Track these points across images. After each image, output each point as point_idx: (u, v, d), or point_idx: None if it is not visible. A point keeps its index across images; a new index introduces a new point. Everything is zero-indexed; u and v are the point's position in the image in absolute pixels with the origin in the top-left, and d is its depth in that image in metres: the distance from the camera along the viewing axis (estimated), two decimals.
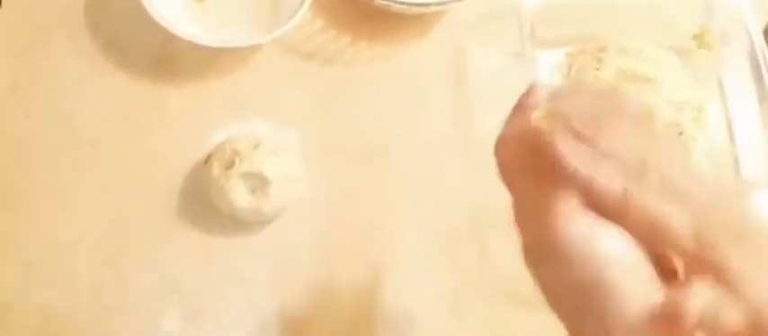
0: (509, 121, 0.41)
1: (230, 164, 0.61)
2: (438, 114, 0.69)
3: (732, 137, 0.68)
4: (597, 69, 0.68)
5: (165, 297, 0.62)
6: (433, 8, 0.69)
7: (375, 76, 0.70)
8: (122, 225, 0.64)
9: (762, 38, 0.68)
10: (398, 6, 0.67)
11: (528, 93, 0.40)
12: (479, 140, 0.67)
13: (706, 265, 0.32)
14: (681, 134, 0.67)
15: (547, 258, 0.35)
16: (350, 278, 0.63)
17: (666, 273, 0.35)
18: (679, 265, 0.34)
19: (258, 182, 0.61)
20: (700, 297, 0.32)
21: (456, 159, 0.67)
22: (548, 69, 0.70)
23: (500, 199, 0.39)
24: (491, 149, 0.41)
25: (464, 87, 0.70)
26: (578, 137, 0.36)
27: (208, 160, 0.64)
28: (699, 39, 0.70)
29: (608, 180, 0.34)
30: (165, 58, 0.68)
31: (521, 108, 0.40)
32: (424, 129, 0.68)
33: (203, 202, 0.64)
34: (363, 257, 0.64)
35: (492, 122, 0.67)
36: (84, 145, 0.66)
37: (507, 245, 0.39)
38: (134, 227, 0.64)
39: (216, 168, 0.62)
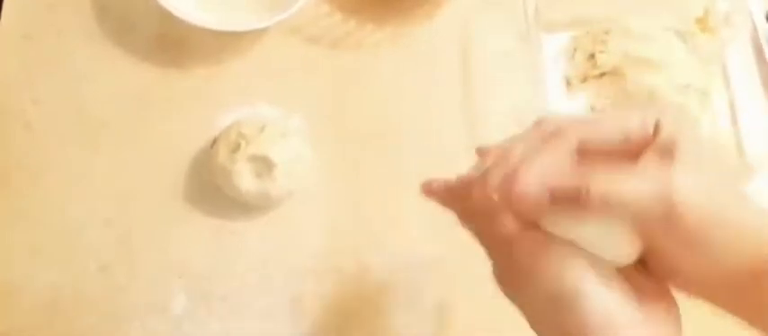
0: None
1: (236, 148, 0.62)
2: (444, 97, 0.69)
3: (735, 120, 0.69)
4: (601, 52, 0.68)
5: (173, 279, 0.62)
6: None
7: (381, 60, 0.70)
8: (130, 207, 0.64)
9: (765, 21, 0.68)
10: None
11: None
12: (486, 122, 0.67)
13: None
14: None
15: (521, 282, 0.37)
16: (356, 260, 0.64)
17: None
18: None
19: (264, 166, 0.61)
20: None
21: (463, 141, 0.67)
22: (553, 52, 0.70)
23: None
24: (497, 131, 0.42)
25: (470, 70, 0.70)
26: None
27: (214, 143, 0.64)
28: (702, 22, 0.70)
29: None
30: (172, 42, 0.68)
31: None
32: (430, 112, 0.69)
33: (210, 186, 0.64)
34: (370, 239, 0.65)
35: (498, 105, 0.69)
36: (92, 127, 0.66)
37: None
38: (142, 210, 0.64)
39: (222, 151, 0.62)
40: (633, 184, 0.34)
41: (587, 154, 0.37)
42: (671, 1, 0.71)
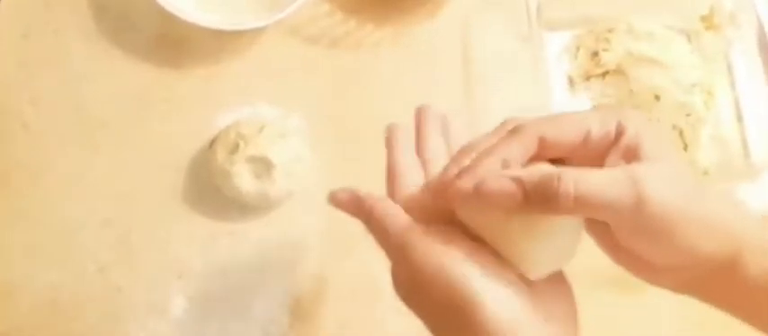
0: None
1: (235, 149, 0.61)
2: (446, 97, 0.69)
3: (740, 120, 0.68)
4: (605, 50, 0.67)
5: (172, 280, 0.62)
6: None
7: (381, 59, 0.69)
8: (129, 207, 0.64)
9: None
10: None
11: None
12: (487, 122, 0.67)
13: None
14: (688, 116, 0.67)
15: (418, 289, 0.37)
16: (356, 262, 0.63)
17: None
18: None
19: (263, 166, 0.61)
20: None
21: (463, 141, 0.67)
22: (555, 50, 0.69)
23: None
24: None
25: (472, 70, 0.69)
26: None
27: (212, 144, 0.63)
28: (707, 20, 0.69)
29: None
30: (171, 41, 0.68)
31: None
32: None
33: (209, 186, 0.64)
34: (369, 240, 0.64)
35: (500, 104, 0.68)
36: (91, 127, 0.66)
37: None
38: (140, 210, 0.64)
39: (220, 152, 0.62)
40: (603, 177, 0.34)
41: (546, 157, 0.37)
42: None
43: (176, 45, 0.68)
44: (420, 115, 0.46)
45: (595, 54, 0.69)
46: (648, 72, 0.67)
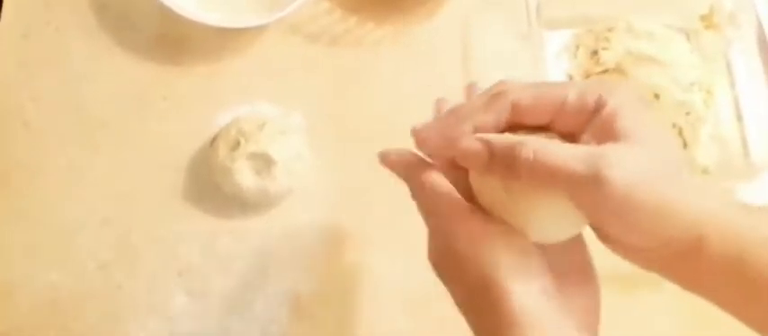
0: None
1: (235, 145, 0.62)
2: (445, 95, 0.69)
3: (740, 119, 0.68)
4: (605, 48, 0.67)
5: (172, 278, 0.62)
6: None
7: (382, 58, 0.69)
8: (129, 205, 0.64)
9: None
10: None
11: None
12: None
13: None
14: (688, 114, 0.67)
15: (453, 267, 0.39)
16: (356, 259, 0.63)
17: None
18: None
19: (263, 163, 0.61)
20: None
21: None
22: (555, 49, 0.69)
23: None
24: None
25: (471, 68, 0.69)
26: None
27: (214, 141, 0.64)
28: (706, 19, 0.69)
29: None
30: (171, 39, 0.68)
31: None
32: (431, 111, 0.68)
33: (210, 184, 0.64)
34: (369, 238, 0.64)
35: None
36: (91, 125, 0.66)
37: None
38: (141, 208, 0.64)
39: (221, 149, 0.62)
40: (565, 150, 0.35)
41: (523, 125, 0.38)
42: None
43: (177, 43, 0.68)
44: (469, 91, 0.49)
45: (595, 53, 0.69)
46: (648, 71, 0.67)
